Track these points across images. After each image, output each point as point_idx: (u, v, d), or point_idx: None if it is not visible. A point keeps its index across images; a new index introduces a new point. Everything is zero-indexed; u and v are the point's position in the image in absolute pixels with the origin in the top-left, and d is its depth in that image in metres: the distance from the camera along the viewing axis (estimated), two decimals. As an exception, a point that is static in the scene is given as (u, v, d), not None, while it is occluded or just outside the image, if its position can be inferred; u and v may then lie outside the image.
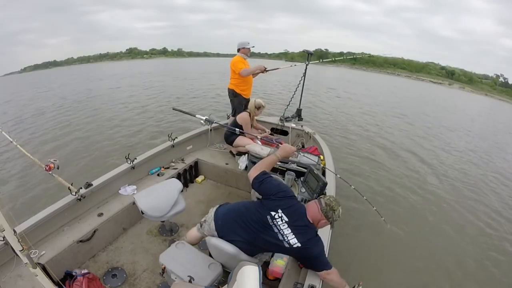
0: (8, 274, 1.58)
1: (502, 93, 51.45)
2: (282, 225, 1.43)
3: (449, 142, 7.80)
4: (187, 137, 3.28)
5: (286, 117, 3.92)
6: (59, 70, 40.81)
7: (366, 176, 4.70)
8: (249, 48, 3.45)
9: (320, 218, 1.44)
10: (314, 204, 1.48)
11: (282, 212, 1.45)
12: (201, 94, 11.80)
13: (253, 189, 1.64)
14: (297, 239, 1.40)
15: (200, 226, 1.76)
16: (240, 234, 1.51)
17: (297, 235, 1.40)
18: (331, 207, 1.44)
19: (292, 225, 1.42)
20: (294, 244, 1.39)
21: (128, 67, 34.14)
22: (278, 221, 1.44)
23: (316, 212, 1.45)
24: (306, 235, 1.41)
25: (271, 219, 1.45)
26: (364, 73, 52.46)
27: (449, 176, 5.22)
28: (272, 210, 1.47)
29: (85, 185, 2.13)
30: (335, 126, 7.96)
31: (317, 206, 1.46)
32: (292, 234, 1.40)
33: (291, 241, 1.40)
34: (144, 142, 5.61)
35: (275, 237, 1.43)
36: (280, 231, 1.43)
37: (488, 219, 3.86)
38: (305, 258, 1.48)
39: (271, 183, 1.56)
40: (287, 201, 1.49)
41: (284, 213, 1.44)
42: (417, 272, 2.73)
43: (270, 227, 1.45)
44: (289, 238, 1.40)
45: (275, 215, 1.45)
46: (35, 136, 6.11)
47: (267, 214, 1.47)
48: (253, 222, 1.49)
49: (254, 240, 1.49)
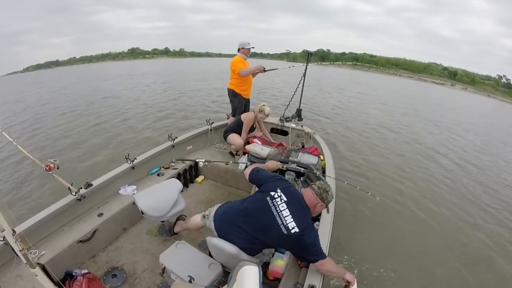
0: (8, 274, 1.58)
1: (504, 94, 51.27)
2: (281, 205, 1.46)
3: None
4: (187, 137, 3.28)
5: (286, 117, 3.92)
6: (61, 70, 41.04)
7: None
8: (249, 49, 3.46)
9: (316, 202, 1.51)
10: (308, 189, 1.56)
11: (281, 191, 1.51)
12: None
13: (251, 181, 1.72)
14: (295, 223, 1.42)
15: (203, 217, 1.81)
16: (238, 232, 1.53)
17: (295, 218, 1.43)
18: (324, 189, 1.53)
19: (290, 205, 1.46)
20: (292, 229, 1.41)
21: (131, 67, 34.24)
22: (277, 201, 1.48)
23: (311, 196, 1.52)
24: (303, 220, 1.44)
25: (271, 200, 1.49)
26: (366, 73, 52.33)
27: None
28: (271, 191, 1.53)
29: (85, 185, 2.13)
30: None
31: (311, 191, 1.54)
32: (290, 217, 1.43)
33: (289, 225, 1.41)
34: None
35: (273, 220, 1.45)
36: (279, 213, 1.45)
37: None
38: (300, 247, 1.45)
39: (268, 172, 1.74)
40: (285, 182, 1.61)
41: (283, 192, 1.50)
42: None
43: (269, 210, 1.47)
44: (288, 222, 1.42)
45: (274, 194, 1.51)
46: (49, 138, 6.05)
47: (266, 196, 1.52)
48: (250, 212, 1.54)
49: (253, 234, 1.50)
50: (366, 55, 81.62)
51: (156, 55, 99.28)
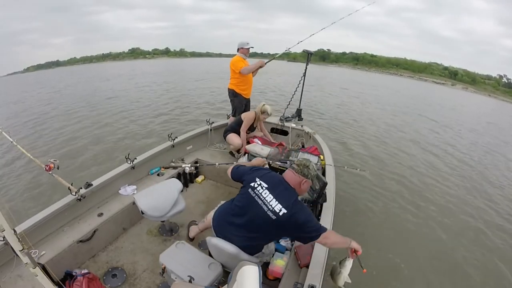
0: (8, 274, 1.58)
1: (505, 93, 51.20)
2: (263, 192, 1.45)
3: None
4: (187, 137, 3.28)
5: (286, 117, 3.91)
6: (62, 70, 41.05)
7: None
8: (248, 48, 3.46)
9: (299, 179, 1.48)
10: (288, 170, 1.54)
11: (260, 179, 1.51)
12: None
13: (233, 179, 1.71)
14: (281, 204, 1.40)
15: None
16: (235, 231, 1.53)
17: (280, 200, 1.41)
18: (304, 165, 1.50)
19: (272, 190, 1.45)
20: (280, 211, 1.39)
21: (132, 67, 34.22)
22: (259, 190, 1.47)
23: (292, 176, 1.50)
24: (288, 199, 1.42)
25: (252, 191, 1.49)
26: (367, 73, 52.33)
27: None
28: (251, 182, 1.52)
29: (85, 185, 2.14)
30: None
31: (291, 170, 1.52)
32: (274, 200, 1.41)
33: (275, 208, 1.40)
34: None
35: (260, 209, 1.43)
36: (263, 200, 1.44)
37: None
38: (295, 228, 1.41)
39: (246, 166, 1.73)
40: (262, 171, 1.60)
41: (262, 180, 1.50)
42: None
43: (254, 201, 1.46)
44: (273, 206, 1.40)
45: (254, 184, 1.50)
46: (56, 138, 6.03)
47: (248, 189, 1.52)
48: (240, 210, 1.53)
49: (248, 231, 1.50)
50: (366, 55, 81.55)
51: (157, 55, 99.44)
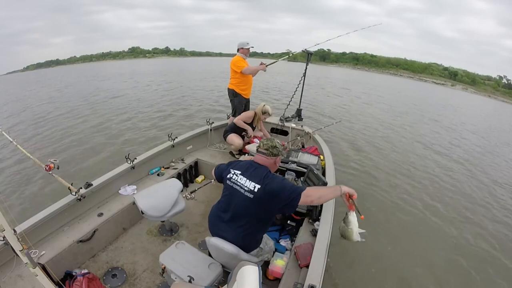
0: (8, 274, 1.58)
1: (505, 94, 51.21)
2: (238, 178, 1.52)
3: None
4: (187, 137, 3.28)
5: (286, 117, 3.91)
6: (62, 68, 40.98)
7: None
8: (248, 49, 3.47)
9: (270, 160, 1.57)
10: (258, 156, 1.60)
11: (233, 169, 1.59)
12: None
13: (217, 180, 1.75)
14: (254, 182, 1.45)
15: None
16: (227, 228, 1.55)
17: (253, 179, 1.47)
18: (271, 145, 1.57)
19: (245, 173, 1.52)
20: (255, 188, 1.44)
21: (131, 66, 34.17)
22: (234, 178, 1.54)
23: (263, 159, 1.57)
24: (259, 175, 1.48)
25: (230, 181, 1.56)
26: (367, 73, 52.28)
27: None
28: (227, 174, 1.59)
29: (85, 185, 2.13)
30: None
31: (261, 155, 1.58)
32: (248, 181, 1.48)
33: (250, 187, 1.45)
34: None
35: (240, 195, 1.48)
36: (240, 185, 1.50)
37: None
38: (274, 198, 1.41)
39: (225, 164, 1.76)
40: (235, 162, 1.68)
41: (235, 169, 1.58)
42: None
43: (234, 189, 1.52)
44: (248, 186, 1.46)
45: (230, 175, 1.57)
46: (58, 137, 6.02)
47: (226, 181, 1.58)
48: (226, 204, 1.58)
49: (237, 222, 1.52)
50: (366, 55, 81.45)
51: (157, 54, 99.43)
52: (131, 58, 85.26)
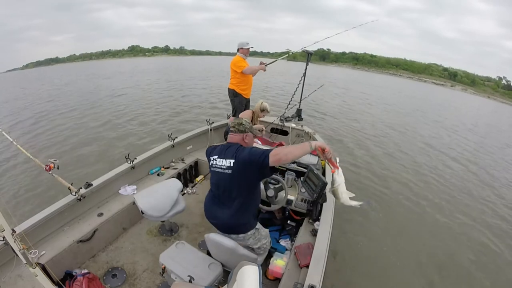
0: (8, 274, 1.57)
1: (504, 95, 51.27)
2: (217, 162, 1.61)
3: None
4: (187, 137, 3.28)
5: (286, 117, 3.91)
6: (61, 67, 40.85)
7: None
8: (248, 49, 3.46)
9: (239, 136, 1.66)
10: (229, 135, 1.70)
11: (212, 156, 1.68)
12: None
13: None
14: (228, 158, 1.56)
15: None
16: (219, 207, 1.64)
17: (227, 156, 1.57)
18: (237, 123, 1.68)
19: (221, 154, 1.62)
20: (231, 164, 1.54)
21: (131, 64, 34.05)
22: (214, 163, 1.64)
23: (234, 137, 1.67)
24: (232, 151, 1.57)
25: (212, 167, 1.65)
26: (367, 73, 52.26)
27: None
28: (209, 162, 1.69)
29: (85, 185, 2.13)
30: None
31: (231, 133, 1.68)
32: (224, 160, 1.58)
33: (227, 165, 1.56)
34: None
35: (222, 175, 1.58)
36: (220, 167, 1.60)
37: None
38: (248, 165, 1.48)
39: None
40: (211, 149, 1.76)
41: (213, 154, 1.67)
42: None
43: (216, 172, 1.62)
44: (225, 164, 1.57)
45: (210, 162, 1.68)
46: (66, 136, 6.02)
47: (210, 168, 1.68)
48: (214, 187, 1.70)
49: (223, 202, 1.62)
50: (366, 55, 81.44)
51: (156, 53, 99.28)
52: (131, 56, 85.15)
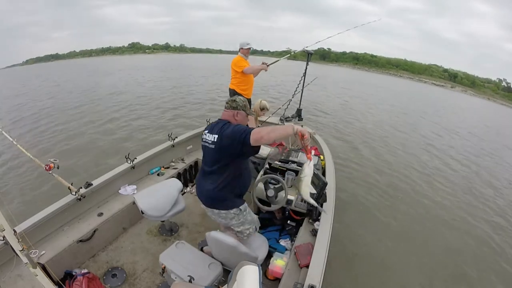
0: (8, 274, 1.57)
1: (504, 97, 51.25)
2: (206, 136, 1.68)
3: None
4: (187, 137, 3.28)
5: (286, 117, 3.91)
6: (61, 63, 40.69)
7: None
8: (249, 49, 3.45)
9: (231, 113, 1.67)
10: (223, 111, 1.72)
11: (204, 130, 1.73)
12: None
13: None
14: (214, 133, 1.62)
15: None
16: (206, 179, 1.69)
17: (213, 131, 1.64)
18: (232, 100, 1.69)
19: (210, 130, 1.68)
20: (214, 139, 1.60)
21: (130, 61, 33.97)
22: (204, 137, 1.70)
23: (225, 114, 1.70)
24: (219, 127, 1.62)
25: (202, 141, 1.72)
26: (367, 73, 52.21)
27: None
28: (202, 139, 1.74)
29: (85, 185, 2.13)
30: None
31: (225, 110, 1.70)
32: (211, 135, 1.65)
33: (212, 139, 1.62)
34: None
35: (208, 149, 1.64)
36: (206, 141, 1.66)
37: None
38: (230, 141, 1.52)
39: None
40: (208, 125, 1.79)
41: (206, 129, 1.73)
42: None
43: (205, 147, 1.69)
44: (211, 139, 1.63)
45: (202, 137, 1.72)
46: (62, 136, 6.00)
47: (203, 144, 1.72)
48: (203, 163, 1.74)
49: (209, 173, 1.66)
50: (366, 55, 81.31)
51: (156, 50, 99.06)
52: (131, 53, 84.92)
